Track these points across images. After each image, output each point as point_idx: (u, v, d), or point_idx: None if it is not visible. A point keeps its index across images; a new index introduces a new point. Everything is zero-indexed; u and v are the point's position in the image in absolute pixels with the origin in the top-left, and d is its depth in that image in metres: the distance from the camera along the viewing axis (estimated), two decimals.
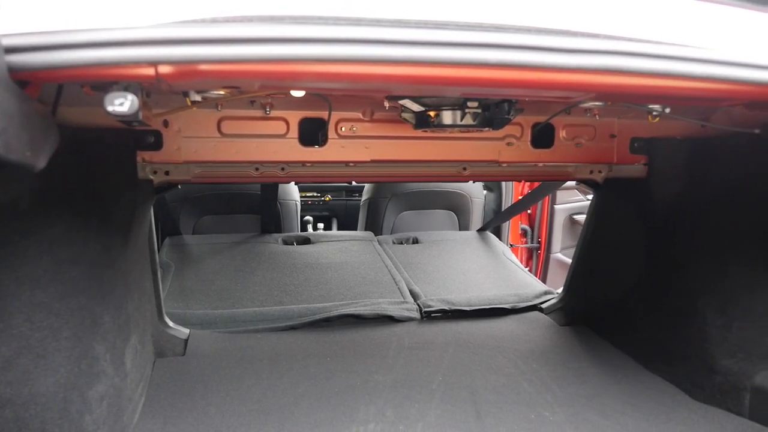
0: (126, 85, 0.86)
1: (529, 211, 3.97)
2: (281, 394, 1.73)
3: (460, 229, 3.76)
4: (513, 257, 3.25)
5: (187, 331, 2.08)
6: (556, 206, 3.71)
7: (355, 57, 0.84)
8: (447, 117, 1.40)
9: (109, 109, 0.85)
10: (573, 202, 3.77)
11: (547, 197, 3.71)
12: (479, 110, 1.38)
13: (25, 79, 0.83)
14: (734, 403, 1.64)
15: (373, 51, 0.85)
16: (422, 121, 1.45)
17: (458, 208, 3.73)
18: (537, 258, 3.92)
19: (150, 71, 0.82)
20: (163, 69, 0.83)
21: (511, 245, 3.88)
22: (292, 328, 2.26)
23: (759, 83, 0.97)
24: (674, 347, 1.86)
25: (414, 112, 1.45)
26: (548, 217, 3.75)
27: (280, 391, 1.75)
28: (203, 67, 0.84)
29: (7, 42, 0.76)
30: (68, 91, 1.15)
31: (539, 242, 3.89)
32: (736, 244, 1.74)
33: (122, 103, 0.85)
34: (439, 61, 0.89)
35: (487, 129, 1.47)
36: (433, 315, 2.44)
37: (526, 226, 3.99)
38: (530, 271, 3.93)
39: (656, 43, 0.98)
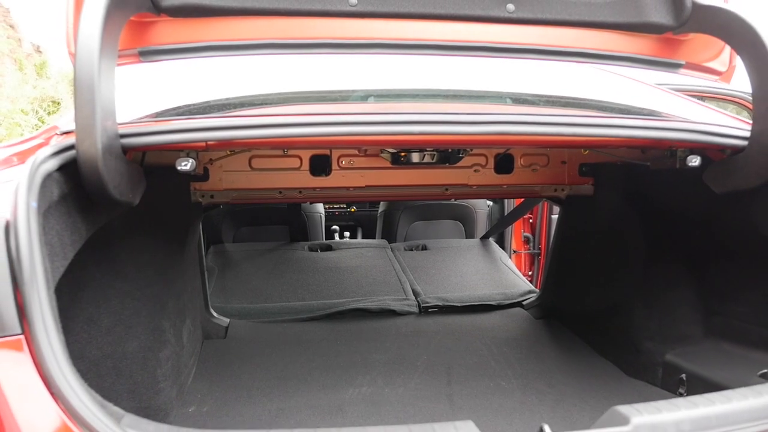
0: (187, 152, 1.39)
1: (531, 221, 4.39)
2: (299, 367, 2.23)
3: (465, 237, 4.22)
4: (509, 262, 3.69)
5: (227, 320, 2.62)
6: (553, 216, 4.12)
7: (330, 133, 1.34)
8: (414, 157, 1.90)
9: (178, 168, 1.38)
10: None
11: (545, 208, 4.13)
12: (434, 152, 1.88)
13: (127, 150, 1.36)
14: (651, 376, 2.06)
15: (341, 129, 1.35)
16: (396, 159, 1.96)
17: (464, 218, 4.20)
18: (538, 263, 4.33)
19: (202, 144, 1.35)
20: (210, 143, 1.36)
21: (514, 251, 4.32)
22: (312, 319, 2.77)
23: (599, 136, 1.44)
24: (615, 334, 2.29)
25: (390, 152, 1.95)
26: (546, 226, 4.16)
27: (298, 365, 2.26)
28: (234, 140, 1.36)
29: (122, 130, 1.29)
30: None
31: (540, 249, 4.30)
32: (658, 249, 2.16)
33: (186, 164, 1.38)
34: (383, 133, 1.38)
35: (446, 164, 1.96)
36: (429, 310, 2.91)
37: (529, 234, 4.40)
38: (532, 274, 4.34)
39: (533, 112, 1.45)
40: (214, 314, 2.57)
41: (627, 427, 1.02)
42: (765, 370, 1.73)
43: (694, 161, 1.69)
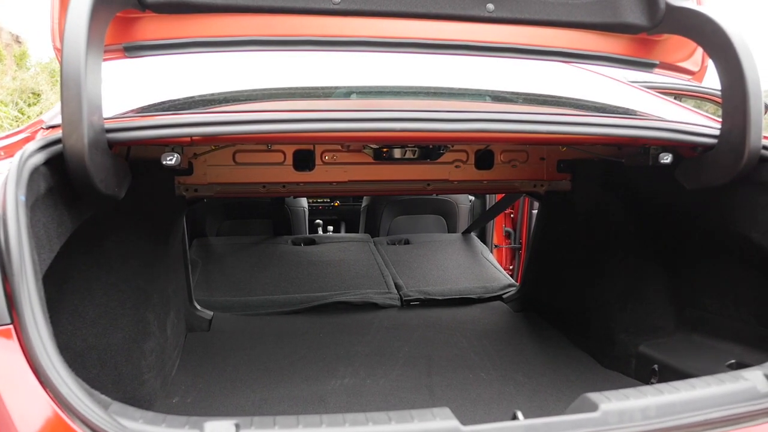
0: (173, 147, 1.41)
1: (512, 216, 4.46)
2: (282, 359, 2.26)
3: (448, 232, 4.28)
4: (490, 256, 3.75)
5: (211, 313, 2.64)
6: (533, 211, 4.19)
7: (313, 129, 1.37)
8: (395, 152, 1.94)
9: (164, 162, 1.41)
10: None
11: (526, 204, 4.20)
12: (416, 148, 1.92)
13: (113, 144, 1.38)
14: (625, 367, 2.13)
15: (324, 126, 1.38)
16: (378, 155, 1.99)
17: (446, 213, 4.25)
18: (519, 257, 4.40)
19: (187, 139, 1.38)
20: (195, 138, 1.38)
21: (496, 246, 4.38)
22: (295, 312, 2.80)
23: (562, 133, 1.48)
24: (591, 326, 2.35)
25: (372, 148, 1.98)
26: (527, 221, 4.23)
27: (281, 357, 2.29)
28: (219, 136, 1.39)
29: (108, 125, 1.30)
30: None
31: (521, 243, 4.36)
32: (632, 244, 2.23)
33: (171, 159, 1.40)
34: (365, 130, 1.41)
35: (427, 160, 2.00)
36: (411, 303, 2.96)
37: (510, 229, 4.47)
38: (513, 269, 4.41)
39: (510, 110, 1.50)
40: (198, 307, 2.59)
41: (596, 413, 1.07)
42: (732, 361, 1.80)
43: (666, 158, 1.74)
